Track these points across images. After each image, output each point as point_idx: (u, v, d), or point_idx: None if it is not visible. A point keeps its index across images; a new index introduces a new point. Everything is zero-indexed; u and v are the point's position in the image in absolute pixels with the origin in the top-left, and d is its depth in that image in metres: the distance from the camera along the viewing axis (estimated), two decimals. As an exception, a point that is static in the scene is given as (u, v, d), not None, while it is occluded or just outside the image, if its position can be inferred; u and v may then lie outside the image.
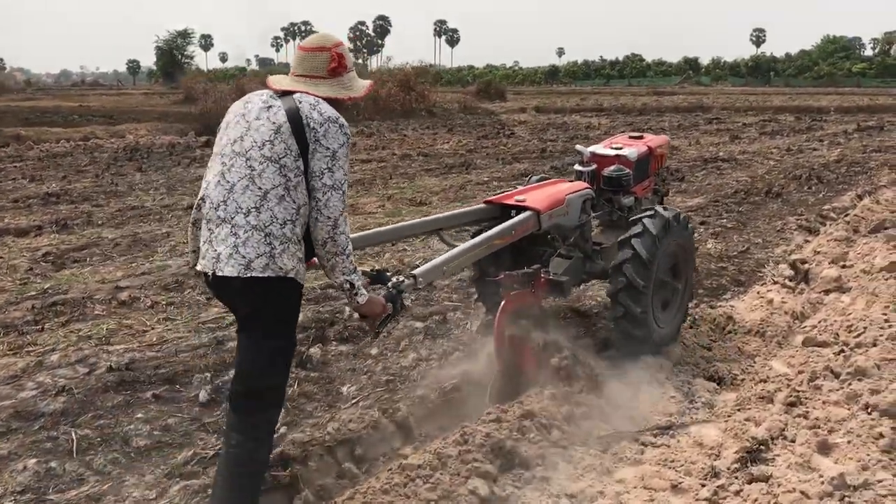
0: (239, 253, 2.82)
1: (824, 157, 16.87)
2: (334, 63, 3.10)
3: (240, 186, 2.87)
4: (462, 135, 23.92)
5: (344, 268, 2.95)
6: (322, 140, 2.87)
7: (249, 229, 2.83)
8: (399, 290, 3.35)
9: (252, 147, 2.90)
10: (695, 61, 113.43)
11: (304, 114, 2.89)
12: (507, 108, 40.53)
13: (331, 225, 2.87)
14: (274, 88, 3.07)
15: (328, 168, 2.86)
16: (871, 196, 11.84)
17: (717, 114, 33.89)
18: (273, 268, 2.83)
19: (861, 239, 8.65)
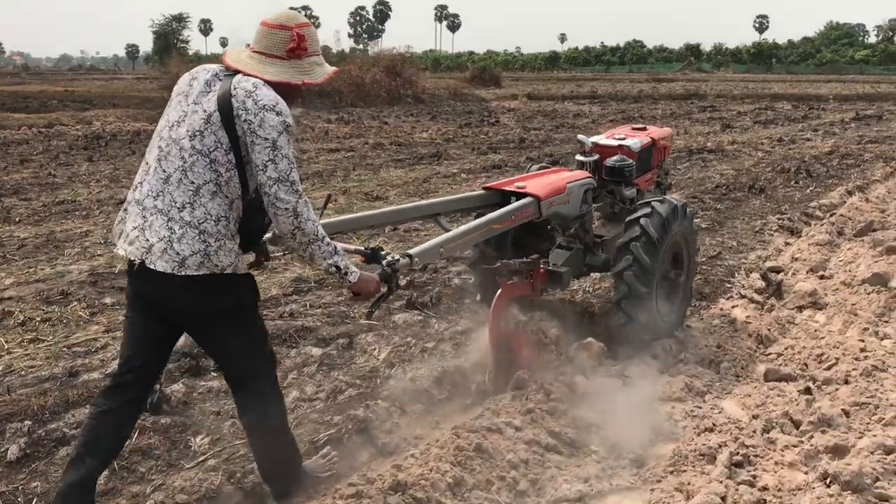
0: (173, 249, 2.72)
1: (817, 149, 16.00)
2: (293, 43, 2.88)
3: (174, 178, 2.76)
4: (445, 122, 23.08)
5: (323, 253, 2.85)
6: (258, 131, 2.70)
7: (184, 225, 2.73)
8: (394, 269, 3.28)
9: (184, 136, 2.76)
10: (696, 48, 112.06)
11: (238, 102, 2.72)
12: (500, 94, 39.57)
13: (291, 216, 2.73)
14: (226, 63, 2.89)
15: (270, 160, 2.70)
16: (862, 192, 11.01)
17: (712, 101, 32.97)
18: (208, 265, 2.74)
19: (845, 243, 7.84)
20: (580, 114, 26.78)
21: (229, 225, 2.81)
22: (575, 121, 23.89)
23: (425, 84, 36.06)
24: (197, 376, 4.53)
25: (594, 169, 5.47)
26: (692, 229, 5.33)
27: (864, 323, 5.45)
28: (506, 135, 19.24)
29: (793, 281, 6.52)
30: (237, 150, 2.74)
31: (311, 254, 2.85)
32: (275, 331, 5.32)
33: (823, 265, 6.98)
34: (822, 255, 7.33)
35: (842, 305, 5.81)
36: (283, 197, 2.71)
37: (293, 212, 2.73)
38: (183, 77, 2.95)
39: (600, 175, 5.50)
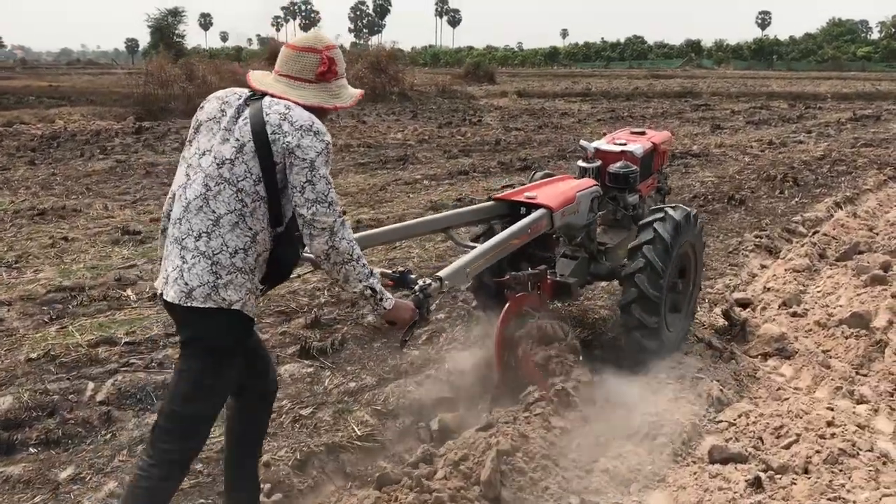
0: (183, 279, 2.64)
1: (808, 153, 15.09)
2: (324, 67, 2.81)
3: (194, 206, 2.67)
4: (425, 121, 22.18)
5: (358, 274, 2.74)
6: (297, 152, 2.62)
7: (197, 255, 2.64)
8: (426, 294, 3.16)
9: (212, 163, 2.68)
10: (697, 44, 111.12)
11: (272, 127, 2.64)
12: (491, 91, 38.64)
13: (327, 234, 2.64)
14: (252, 86, 2.81)
15: (308, 181, 2.62)
16: (851, 205, 10.12)
17: (706, 100, 31.99)
18: (215, 298, 2.63)
19: (826, 269, 6.95)
20: (568, 112, 25.87)
21: (246, 258, 2.69)
22: (560, 120, 22.98)
23: (413, 80, 35.20)
24: (11, 451, 3.64)
25: (597, 175, 5.39)
26: (701, 240, 5.23)
27: (837, 379, 4.59)
28: (484, 136, 18.33)
29: (760, 319, 5.64)
30: (268, 181, 2.66)
31: (345, 274, 2.72)
32: (128, 386, 4.46)
33: (798, 297, 6.09)
34: (797, 285, 6.45)
35: (813, 355, 4.92)
36: (319, 218, 2.62)
37: (329, 230, 2.64)
38: (211, 102, 2.82)
39: (603, 181, 5.38)
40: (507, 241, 4.11)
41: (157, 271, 2.83)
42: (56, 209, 9.50)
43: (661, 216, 4.72)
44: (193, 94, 23.00)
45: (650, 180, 6.00)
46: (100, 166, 13.08)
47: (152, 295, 6.23)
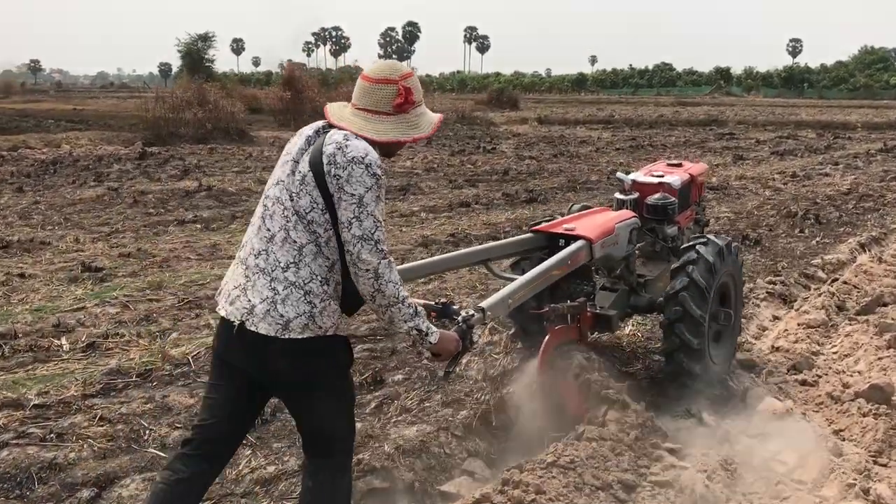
0: (277, 311, 2.58)
1: (834, 186, 14.28)
2: (401, 98, 2.73)
3: (279, 238, 2.65)
4: (439, 149, 21.61)
5: (403, 315, 2.67)
6: (346, 186, 2.55)
7: (288, 286, 2.61)
8: (469, 326, 3.09)
9: (283, 195, 2.67)
10: (727, 71, 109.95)
11: (327, 157, 2.59)
12: (512, 118, 38.13)
13: (371, 277, 2.58)
14: (329, 120, 2.76)
15: (355, 217, 2.55)
16: (878, 246, 9.31)
17: (732, 128, 31.17)
18: (313, 328, 2.61)
19: (844, 324, 6.20)
20: (587, 140, 25.20)
21: (329, 286, 2.67)
22: (578, 149, 22.32)
23: (431, 106, 34.56)
24: None
25: (634, 207, 5.37)
26: (740, 272, 5.24)
27: (849, 472, 3.83)
28: (495, 164, 17.70)
29: (765, 387, 4.90)
30: (332, 212, 2.61)
31: (390, 317, 2.69)
32: (12, 465, 3.83)
33: (810, 361, 5.35)
34: (810, 344, 5.70)
35: (823, 441, 4.17)
36: (364, 258, 2.57)
37: (374, 273, 2.59)
38: (295, 136, 2.81)
39: (641, 213, 5.34)
40: (548, 272, 4.12)
41: None
42: (24, 241, 8.97)
43: (703, 241, 4.76)
44: (204, 118, 22.72)
45: (688, 212, 5.95)
46: (89, 194, 12.60)
47: (87, 345, 5.64)
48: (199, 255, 8.59)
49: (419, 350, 3.01)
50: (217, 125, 22.78)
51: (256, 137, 23.85)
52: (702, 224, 6.41)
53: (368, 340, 5.78)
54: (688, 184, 5.85)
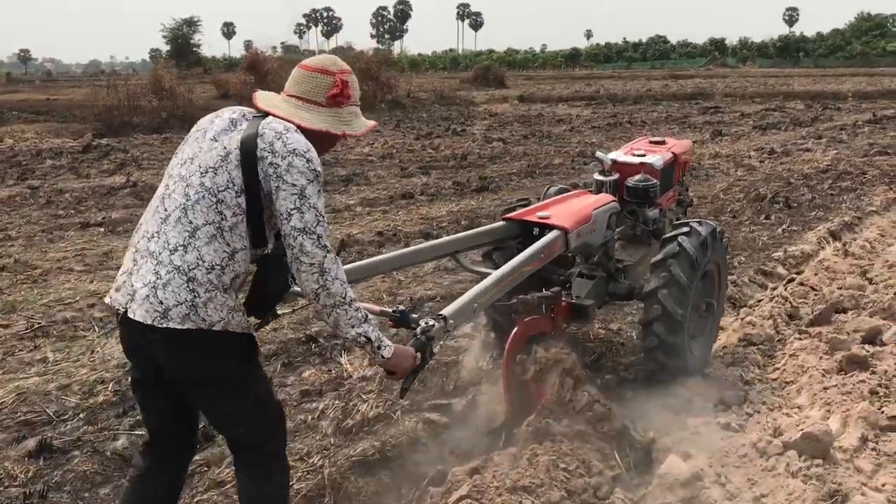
0: (157, 297, 2.38)
1: (814, 163, 13.29)
2: (336, 90, 2.60)
3: (173, 217, 2.45)
4: (405, 132, 20.60)
5: (350, 319, 2.47)
6: (285, 175, 2.41)
7: (172, 270, 2.39)
8: (429, 337, 2.84)
9: (195, 172, 2.48)
10: (721, 42, 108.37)
11: (264, 143, 2.43)
12: (494, 96, 37.00)
13: (316, 272, 2.40)
14: (257, 105, 2.64)
15: (296, 208, 2.39)
16: (849, 232, 8.35)
17: (718, 102, 30.07)
18: (195, 319, 2.37)
19: (793, 339, 5.24)
20: (564, 119, 24.14)
21: (222, 276, 2.42)
22: (552, 128, 21.31)
23: (409, 87, 33.71)
24: None
25: (614, 189, 5.13)
26: (726, 258, 5.02)
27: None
28: (458, 149, 16.67)
29: (675, 437, 3.95)
30: (251, 194, 2.44)
31: (335, 319, 2.47)
32: None
33: (742, 395, 4.41)
34: (747, 368, 4.77)
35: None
36: (308, 251, 2.39)
37: (318, 268, 2.40)
38: (205, 116, 2.64)
39: (621, 195, 5.11)
40: (519, 269, 3.75)
41: None
42: None
43: (686, 230, 4.43)
44: (159, 107, 21.71)
45: (671, 193, 5.67)
46: (3, 194, 11.62)
47: None
48: (85, 266, 7.64)
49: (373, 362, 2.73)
50: (174, 113, 21.72)
51: (218, 125, 22.80)
52: (685, 205, 6.11)
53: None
54: (670, 163, 5.52)
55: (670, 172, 5.60)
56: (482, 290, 3.42)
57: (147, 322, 2.37)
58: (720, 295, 4.99)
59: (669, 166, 5.52)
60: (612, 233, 4.74)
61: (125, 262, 2.53)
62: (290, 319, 5.91)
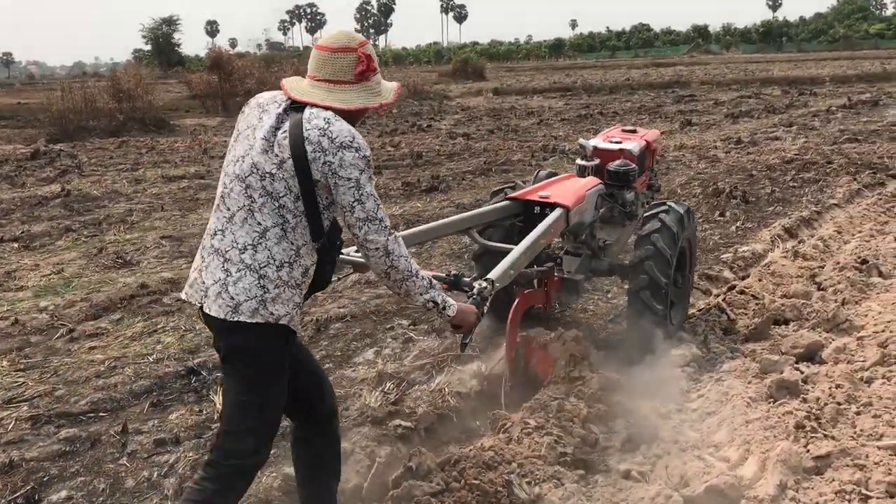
0: (228, 293, 2.55)
1: (780, 153, 12.77)
2: (363, 66, 2.65)
3: (239, 217, 2.59)
4: (370, 129, 20.01)
5: (419, 288, 2.73)
6: (339, 171, 2.53)
7: (243, 268, 2.56)
8: (483, 298, 3.21)
9: (252, 174, 2.59)
10: (704, 29, 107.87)
11: (312, 145, 2.53)
12: (471, 89, 36.43)
13: (382, 255, 2.62)
14: (289, 95, 2.65)
15: (357, 200, 2.55)
16: (807, 228, 7.85)
17: (695, 90, 29.55)
18: (263, 313, 2.55)
19: (724, 360, 4.72)
20: (535, 112, 23.57)
21: (293, 272, 2.61)
22: (521, 121, 20.77)
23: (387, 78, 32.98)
24: None
25: (596, 173, 5.48)
26: (695, 236, 5.47)
27: None
28: (418, 146, 16.09)
29: (565, 491, 3.41)
30: (308, 199, 2.57)
31: (406, 290, 2.73)
32: None
33: (652, 431, 3.87)
34: (665, 400, 4.22)
35: None
36: (372, 238, 2.59)
37: (384, 251, 2.62)
38: (251, 108, 2.72)
39: (602, 179, 5.42)
40: (538, 241, 4.16)
41: None
42: None
43: (665, 208, 4.86)
44: (115, 109, 21.05)
45: (644, 177, 5.99)
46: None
47: None
48: (-20, 287, 7.07)
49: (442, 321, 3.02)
50: (132, 115, 21.07)
51: (179, 126, 22.17)
52: (654, 189, 6.38)
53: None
54: (644, 150, 5.91)
55: (644, 158, 5.93)
56: (515, 259, 3.83)
57: (220, 316, 2.54)
58: (691, 269, 5.43)
59: (644, 152, 5.90)
60: (598, 213, 5.14)
61: (197, 257, 2.71)
62: (177, 348, 5.37)
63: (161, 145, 18.28)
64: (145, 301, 6.46)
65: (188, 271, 7.26)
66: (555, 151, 14.48)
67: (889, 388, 3.97)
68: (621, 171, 5.42)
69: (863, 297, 5.65)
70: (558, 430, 3.79)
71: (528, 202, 4.74)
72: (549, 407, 3.96)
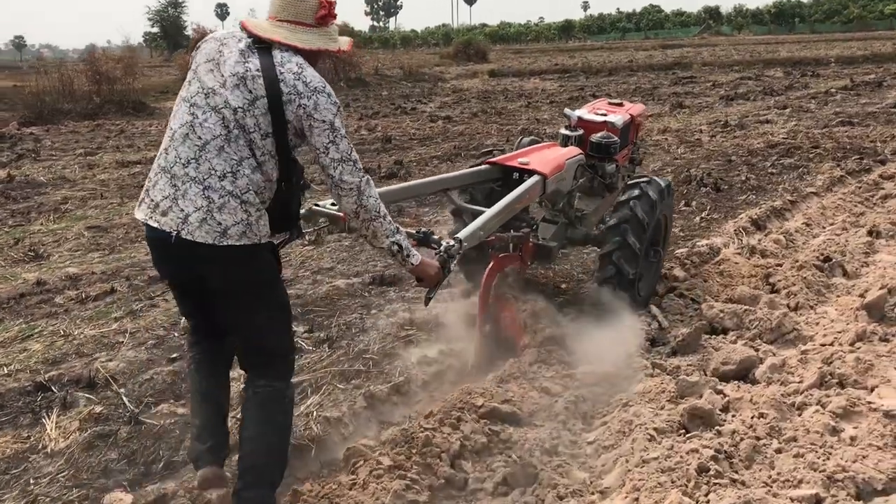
0: (214, 219, 2.64)
1: (767, 137, 12.04)
2: (324, 10, 2.80)
3: (213, 146, 2.68)
4: (351, 112, 19.33)
5: (385, 230, 2.87)
6: (314, 114, 2.68)
7: (225, 195, 2.66)
8: (450, 255, 3.30)
9: (226, 107, 2.68)
10: (716, 10, 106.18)
11: (288, 87, 2.66)
12: (468, 71, 35.64)
13: (355, 194, 2.75)
14: (252, 33, 2.76)
15: (331, 141, 2.70)
16: (777, 219, 7.19)
17: (695, 72, 28.65)
18: (250, 235, 2.70)
19: (641, 379, 4.09)
20: (527, 94, 22.84)
21: (264, 198, 2.75)
22: (508, 104, 20.06)
23: (377, 63, 32.42)
24: None
25: (579, 143, 5.49)
26: (672, 211, 5.69)
27: None
28: (394, 130, 15.44)
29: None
30: (279, 136, 2.69)
31: (373, 231, 2.85)
32: None
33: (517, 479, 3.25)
34: (565, 427, 3.60)
35: None
36: (346, 178, 2.71)
37: (357, 190, 2.73)
38: (209, 43, 2.79)
39: (584, 150, 5.42)
40: (511, 207, 4.21)
41: None
42: None
43: (646, 179, 4.98)
44: (91, 91, 20.50)
45: (626, 150, 6.02)
46: None
47: None
48: None
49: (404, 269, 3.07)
50: (110, 98, 20.50)
51: (159, 109, 21.54)
52: (636, 163, 6.42)
53: None
54: (628, 123, 5.90)
55: (627, 132, 5.94)
56: (486, 221, 3.91)
57: (207, 242, 2.61)
58: (664, 245, 5.50)
59: (627, 126, 5.89)
60: (577, 183, 5.16)
61: (161, 187, 2.70)
62: (39, 358, 4.78)
63: (134, 129, 17.75)
64: (35, 300, 5.88)
65: (98, 265, 6.74)
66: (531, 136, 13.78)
67: (820, 419, 3.34)
68: (603, 143, 5.42)
69: (819, 301, 5.02)
70: (418, 469, 3.18)
71: (507, 167, 4.78)
72: (415, 440, 3.34)
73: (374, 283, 5.95)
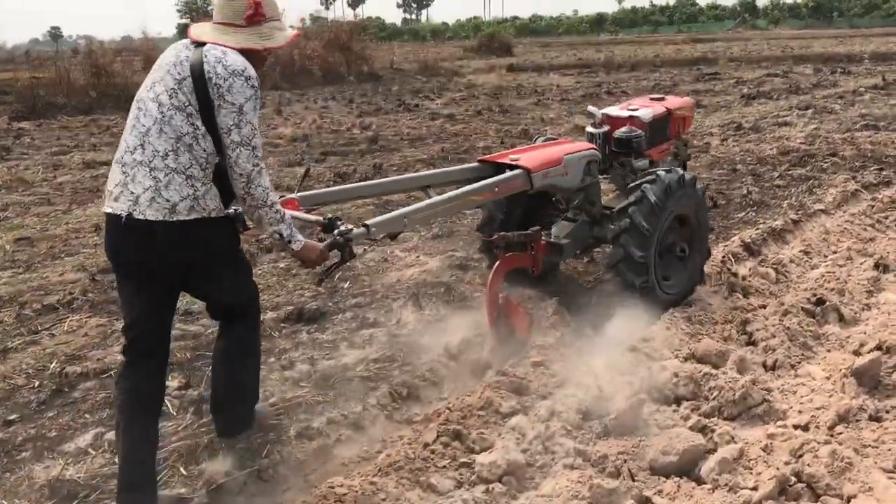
0: (162, 196, 2.80)
1: (782, 142, 11.03)
2: (250, 10, 3.01)
3: (154, 130, 2.86)
4: (354, 108, 18.60)
5: (270, 219, 2.98)
6: (226, 95, 2.82)
7: (170, 172, 2.82)
8: (347, 239, 3.32)
9: (162, 93, 2.89)
10: (752, 4, 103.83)
11: (209, 67, 2.84)
12: (487, 65, 34.67)
13: (244, 181, 2.87)
14: (191, 37, 3.03)
15: (235, 124, 2.83)
16: (777, 242, 6.27)
17: (721, 67, 27.44)
18: (198, 209, 2.84)
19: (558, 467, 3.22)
20: (540, 90, 21.88)
21: (209, 174, 2.89)
22: (519, 100, 19.18)
23: (392, 57, 31.64)
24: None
25: (604, 140, 5.37)
26: (704, 204, 5.19)
27: None
28: (388, 129, 14.62)
29: None
30: (206, 115, 2.84)
31: (258, 217, 2.98)
32: None
33: None
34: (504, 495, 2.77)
35: None
36: (241, 162, 2.84)
37: (247, 177, 2.86)
38: (165, 52, 3.04)
39: (610, 147, 5.36)
40: (466, 196, 4.17)
41: None
42: None
43: (651, 178, 4.77)
44: (87, 85, 19.95)
45: (664, 146, 5.81)
46: None
47: None
48: None
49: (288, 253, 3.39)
50: (107, 93, 19.92)
51: (159, 104, 20.94)
52: (681, 159, 6.10)
53: None
54: (662, 117, 5.69)
55: (662, 126, 5.70)
56: (416, 208, 3.89)
57: (158, 219, 2.79)
58: (700, 242, 5.12)
59: (661, 120, 5.65)
60: (593, 179, 4.97)
61: (114, 176, 2.92)
62: None
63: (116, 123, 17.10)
64: None
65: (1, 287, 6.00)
66: (531, 139, 12.88)
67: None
68: (624, 139, 5.29)
69: (804, 357, 4.12)
70: None
71: (498, 164, 4.67)
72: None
73: (288, 320, 5.13)
